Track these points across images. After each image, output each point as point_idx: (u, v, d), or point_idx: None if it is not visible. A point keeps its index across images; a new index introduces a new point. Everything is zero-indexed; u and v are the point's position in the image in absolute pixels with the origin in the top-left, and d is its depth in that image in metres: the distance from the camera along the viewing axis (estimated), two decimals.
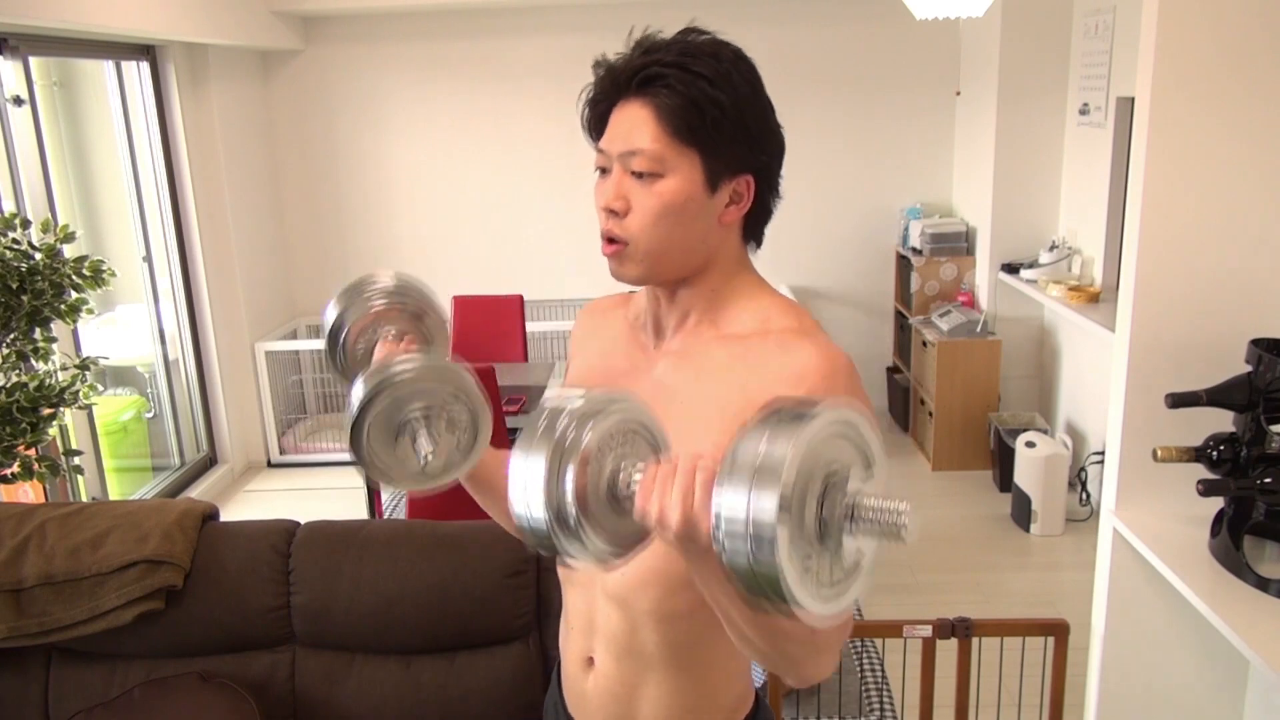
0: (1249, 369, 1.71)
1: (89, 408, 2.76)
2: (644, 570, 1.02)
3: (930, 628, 1.85)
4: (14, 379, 2.48)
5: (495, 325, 4.51)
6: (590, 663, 1.14)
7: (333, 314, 1.23)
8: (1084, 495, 4.12)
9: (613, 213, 1.02)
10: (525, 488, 0.79)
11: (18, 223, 2.50)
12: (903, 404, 5.14)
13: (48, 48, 3.64)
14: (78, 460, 2.68)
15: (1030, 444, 3.91)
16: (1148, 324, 1.89)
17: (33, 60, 3.53)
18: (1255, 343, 1.71)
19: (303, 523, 1.95)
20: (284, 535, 1.89)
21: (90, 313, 2.63)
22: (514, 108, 5.14)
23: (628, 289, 1.15)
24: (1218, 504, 1.80)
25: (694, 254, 1.05)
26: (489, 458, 1.18)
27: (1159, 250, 1.86)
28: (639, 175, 1.01)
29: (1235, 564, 1.70)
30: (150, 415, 4.57)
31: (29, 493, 3.19)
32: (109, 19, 3.44)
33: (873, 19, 4.96)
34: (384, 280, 1.25)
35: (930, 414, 4.59)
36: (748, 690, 1.15)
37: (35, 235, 2.59)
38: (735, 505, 0.70)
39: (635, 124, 1.00)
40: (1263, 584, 1.65)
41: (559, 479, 0.78)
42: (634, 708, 1.11)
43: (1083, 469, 4.15)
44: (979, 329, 4.46)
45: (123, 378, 4.56)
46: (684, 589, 1.01)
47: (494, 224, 5.29)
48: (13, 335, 2.46)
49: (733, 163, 1.02)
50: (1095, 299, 3.83)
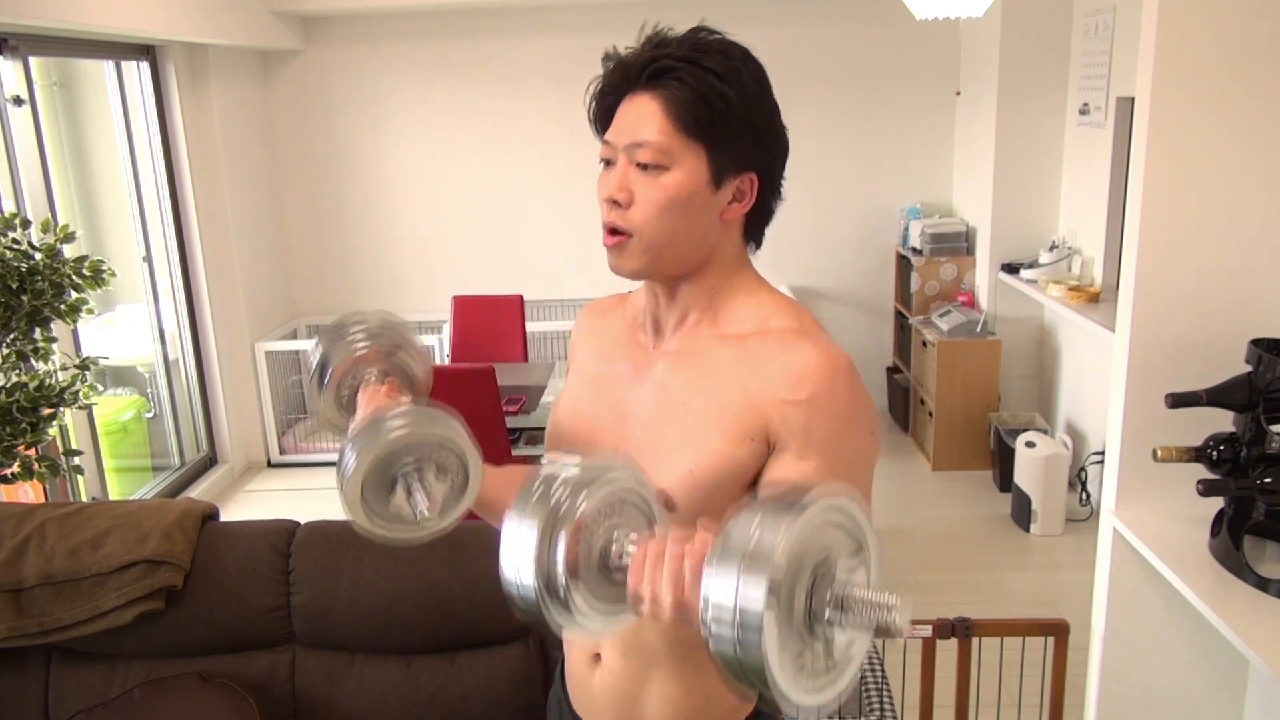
0: (1249, 369, 1.71)
1: (89, 408, 2.76)
2: None
3: (930, 628, 1.85)
4: (14, 379, 2.48)
5: (495, 325, 4.51)
6: (597, 659, 1.14)
7: (316, 357, 1.20)
8: (1084, 495, 4.12)
9: (615, 204, 1.02)
10: (517, 554, 0.78)
11: (18, 223, 2.50)
12: (903, 404, 5.14)
13: (48, 48, 3.64)
14: (78, 460, 2.68)
15: (1030, 444, 3.91)
16: (1148, 324, 1.89)
17: (33, 60, 3.53)
18: (1255, 343, 1.71)
19: (303, 523, 1.94)
20: (284, 535, 1.89)
21: (90, 313, 2.63)
22: (514, 108, 5.14)
23: (627, 288, 1.15)
24: (1218, 504, 1.80)
25: (694, 249, 1.05)
26: (486, 479, 1.16)
27: (1159, 250, 1.86)
28: (644, 167, 1.01)
29: (1235, 564, 1.70)
30: (150, 415, 4.57)
31: (29, 493, 3.19)
32: (109, 19, 3.44)
33: (873, 19, 4.96)
34: (366, 321, 1.21)
35: (930, 414, 4.59)
36: None
37: (35, 235, 2.59)
38: (723, 591, 0.69)
39: (643, 116, 1.01)
40: (1263, 584, 1.65)
41: (551, 547, 0.78)
42: (640, 704, 1.11)
43: (1083, 469, 4.15)
44: (979, 329, 4.46)
45: (123, 378, 4.56)
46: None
47: (494, 224, 5.29)
48: (13, 335, 2.46)
49: (738, 160, 1.02)
50: (1095, 299, 3.83)
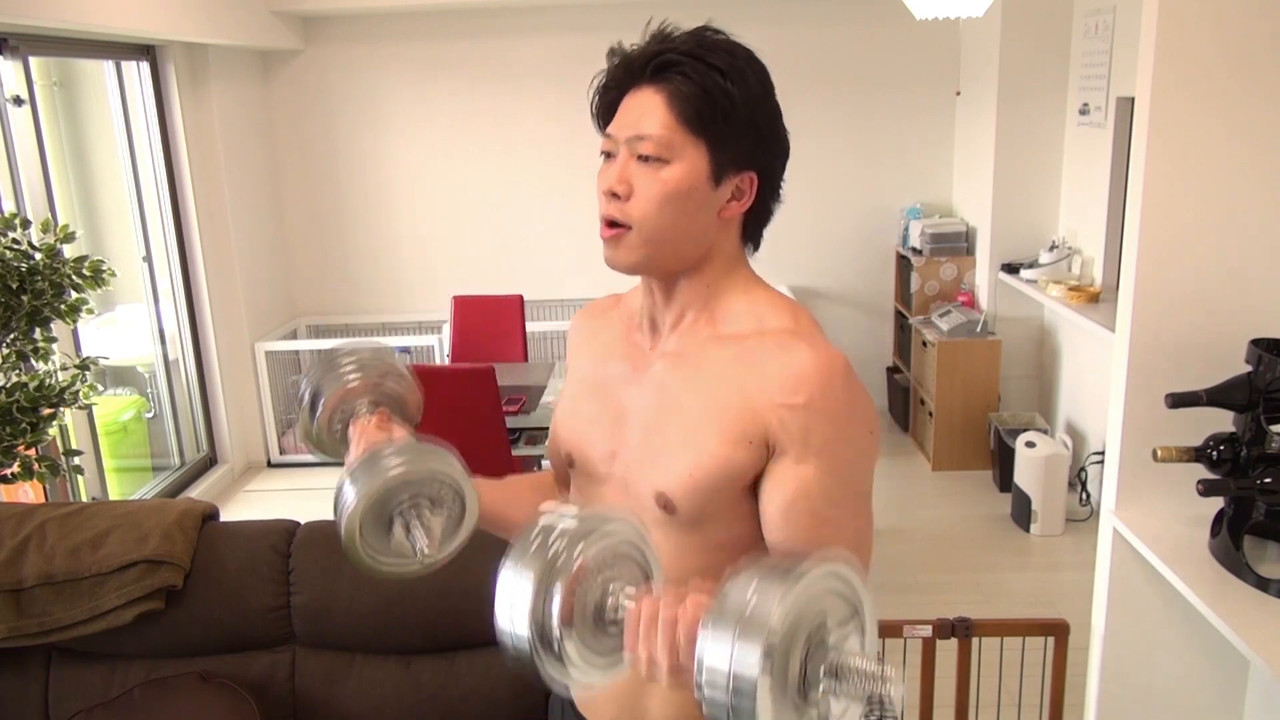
0: (1249, 369, 1.71)
1: (89, 408, 2.76)
2: None
3: (930, 628, 1.85)
4: (14, 379, 2.48)
5: (495, 325, 4.51)
6: None
7: (307, 391, 1.20)
8: (1084, 495, 4.12)
9: (615, 196, 1.03)
10: (512, 605, 0.79)
11: (18, 223, 2.50)
12: (903, 404, 5.14)
13: (48, 48, 3.64)
14: (78, 460, 2.68)
15: (1030, 444, 3.91)
16: (1148, 324, 1.89)
17: (33, 60, 3.53)
18: (1255, 343, 1.71)
19: (303, 523, 1.94)
20: (284, 535, 1.89)
21: (90, 313, 2.63)
22: (514, 108, 5.14)
23: (626, 287, 1.15)
24: (1218, 504, 1.80)
25: (692, 245, 1.05)
26: (484, 496, 1.15)
27: (1159, 250, 1.86)
28: (645, 159, 1.01)
29: (1235, 564, 1.70)
30: (150, 415, 4.57)
31: (29, 493, 3.19)
32: (109, 19, 3.44)
33: (873, 19, 4.96)
34: (358, 353, 1.22)
35: (930, 414, 4.59)
36: None
37: (35, 235, 2.59)
38: (718, 655, 0.69)
39: (646, 109, 1.01)
40: (1263, 584, 1.65)
41: (546, 600, 0.78)
42: (644, 703, 1.11)
43: (1083, 469, 4.15)
44: (979, 329, 4.46)
45: (123, 378, 4.56)
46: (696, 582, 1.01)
47: (494, 224, 5.29)
48: (13, 335, 2.46)
49: (739, 158, 1.03)
50: (1095, 299, 3.83)
